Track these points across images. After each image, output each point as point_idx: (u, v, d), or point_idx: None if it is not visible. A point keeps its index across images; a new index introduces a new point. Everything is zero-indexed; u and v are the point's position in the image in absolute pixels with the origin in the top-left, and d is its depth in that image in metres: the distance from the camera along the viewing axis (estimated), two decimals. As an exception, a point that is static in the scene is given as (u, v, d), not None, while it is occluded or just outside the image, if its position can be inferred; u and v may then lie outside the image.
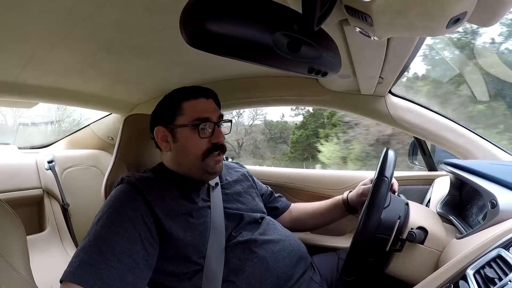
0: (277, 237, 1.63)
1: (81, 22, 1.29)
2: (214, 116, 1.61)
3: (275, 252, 1.55)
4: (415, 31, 0.91)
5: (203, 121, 1.56)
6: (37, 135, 3.71)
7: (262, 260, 1.50)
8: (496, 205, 1.22)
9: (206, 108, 1.61)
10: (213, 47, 0.76)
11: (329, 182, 2.55)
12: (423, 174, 2.43)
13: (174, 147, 1.63)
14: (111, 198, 1.42)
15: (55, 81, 2.04)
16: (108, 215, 1.34)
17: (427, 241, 1.40)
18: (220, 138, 1.59)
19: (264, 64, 0.86)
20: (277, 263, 1.52)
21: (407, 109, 2.15)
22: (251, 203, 1.79)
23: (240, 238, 1.55)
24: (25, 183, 2.86)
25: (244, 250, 1.52)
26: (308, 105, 2.74)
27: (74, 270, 1.19)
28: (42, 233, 2.82)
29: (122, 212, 1.36)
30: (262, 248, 1.53)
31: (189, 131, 1.57)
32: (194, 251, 1.45)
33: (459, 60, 4.11)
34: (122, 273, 1.22)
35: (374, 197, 1.35)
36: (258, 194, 1.97)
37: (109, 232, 1.29)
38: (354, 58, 1.51)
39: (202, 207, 1.58)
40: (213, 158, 1.59)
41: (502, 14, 0.83)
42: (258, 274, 1.45)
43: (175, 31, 0.78)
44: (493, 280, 0.91)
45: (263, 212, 1.81)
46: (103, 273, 1.19)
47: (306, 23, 0.82)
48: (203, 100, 1.62)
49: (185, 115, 1.59)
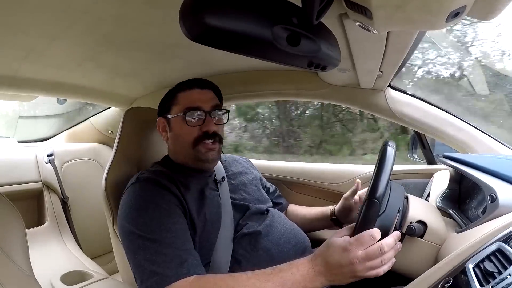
0: (283, 229, 1.65)
1: (80, 16, 1.29)
2: (207, 105, 1.63)
3: (281, 244, 1.57)
4: (415, 25, 0.91)
5: (192, 110, 1.59)
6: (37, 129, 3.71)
7: (267, 251, 1.52)
8: (496, 199, 1.22)
9: (198, 98, 1.63)
10: (213, 41, 0.76)
11: (329, 176, 2.54)
12: (422, 168, 2.44)
13: (170, 136, 1.70)
14: (139, 197, 1.46)
15: (54, 74, 2.04)
16: (147, 212, 1.39)
17: (427, 235, 1.40)
18: (209, 126, 1.60)
19: (264, 58, 0.87)
20: (282, 255, 1.53)
21: (406, 103, 2.15)
22: (256, 194, 1.83)
23: (246, 230, 1.57)
24: (25, 177, 2.86)
25: (251, 241, 1.54)
26: (307, 98, 2.73)
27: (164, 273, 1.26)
28: (42, 227, 2.82)
29: (159, 205, 1.41)
30: (267, 240, 1.55)
31: (181, 119, 1.61)
32: (207, 243, 1.49)
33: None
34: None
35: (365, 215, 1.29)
36: (263, 186, 1.99)
37: (161, 227, 1.35)
38: (354, 51, 1.51)
39: (213, 198, 1.62)
40: (204, 145, 1.60)
41: (502, 8, 0.83)
42: (263, 266, 1.42)
43: (175, 24, 0.78)
44: (493, 274, 0.91)
45: (268, 204, 1.83)
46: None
47: (305, 17, 0.82)
48: (196, 90, 1.66)
49: (178, 105, 1.64)
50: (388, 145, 1.32)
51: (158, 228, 1.34)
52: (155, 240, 1.30)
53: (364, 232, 1.17)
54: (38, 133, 3.64)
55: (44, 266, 2.35)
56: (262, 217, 1.67)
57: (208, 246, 1.48)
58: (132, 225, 1.36)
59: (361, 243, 1.15)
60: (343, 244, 1.17)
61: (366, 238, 1.16)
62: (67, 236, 2.89)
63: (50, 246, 2.72)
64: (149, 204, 1.40)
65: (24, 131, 3.60)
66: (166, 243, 1.31)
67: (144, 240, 1.31)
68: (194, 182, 1.61)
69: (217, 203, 1.61)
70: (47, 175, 2.96)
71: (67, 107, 3.60)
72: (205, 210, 1.54)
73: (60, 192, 2.98)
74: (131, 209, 1.41)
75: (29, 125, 3.76)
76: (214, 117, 1.65)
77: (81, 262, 2.59)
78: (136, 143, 1.89)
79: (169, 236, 1.33)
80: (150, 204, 1.40)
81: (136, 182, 1.51)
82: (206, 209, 1.54)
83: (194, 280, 1.24)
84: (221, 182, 1.72)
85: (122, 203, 1.48)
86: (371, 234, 1.16)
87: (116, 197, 1.66)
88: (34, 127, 3.79)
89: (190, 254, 1.33)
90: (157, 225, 1.34)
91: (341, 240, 1.19)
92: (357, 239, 1.16)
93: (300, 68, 0.98)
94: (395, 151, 1.31)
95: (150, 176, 1.51)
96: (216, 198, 1.63)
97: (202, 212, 1.53)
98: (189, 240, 1.39)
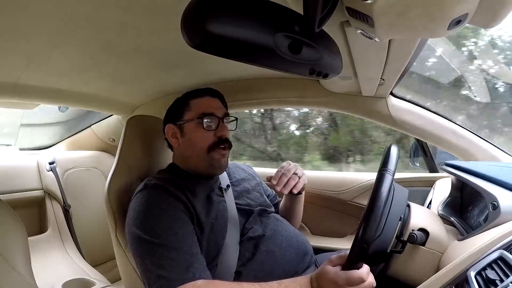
0: (285, 233, 1.69)
1: (83, 23, 1.29)
2: (219, 112, 1.69)
3: (283, 248, 1.61)
4: (416, 33, 0.91)
5: (207, 115, 1.64)
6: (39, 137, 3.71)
7: (271, 254, 1.56)
8: (498, 206, 1.22)
9: (211, 105, 1.69)
10: (215, 49, 0.77)
11: (330, 183, 2.55)
12: (424, 175, 2.44)
13: (182, 142, 1.71)
14: (147, 203, 1.48)
15: (56, 82, 2.04)
16: (155, 217, 1.41)
17: (428, 242, 1.40)
18: (224, 131, 1.67)
19: (265, 65, 0.87)
20: (284, 258, 1.58)
21: (408, 110, 2.14)
22: (259, 199, 1.86)
23: (251, 234, 1.61)
24: (26, 185, 2.86)
25: (256, 244, 1.58)
26: (309, 106, 2.74)
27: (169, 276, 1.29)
28: (44, 234, 2.81)
29: (167, 210, 1.44)
30: (271, 243, 1.60)
31: (195, 124, 1.65)
32: (214, 246, 1.52)
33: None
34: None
35: (376, 191, 1.29)
36: (265, 193, 2.02)
37: (168, 232, 1.37)
38: (356, 59, 1.51)
39: (219, 203, 1.65)
40: (218, 152, 1.65)
41: (504, 16, 0.83)
42: (266, 267, 1.51)
43: (177, 32, 0.78)
44: (495, 281, 0.91)
45: (271, 209, 1.87)
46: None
47: (307, 25, 0.82)
48: (208, 98, 1.72)
49: (191, 111, 1.68)
50: (387, 171, 1.30)
51: (165, 232, 1.36)
52: (161, 245, 1.33)
53: (355, 273, 1.24)
54: (39, 140, 3.64)
55: (46, 274, 2.35)
56: (266, 222, 1.70)
57: (216, 249, 1.51)
58: (140, 230, 1.39)
59: (350, 283, 1.23)
60: (335, 278, 1.25)
61: (355, 279, 1.23)
62: (69, 244, 2.88)
63: (52, 254, 2.71)
64: (156, 210, 1.42)
65: (25, 139, 3.60)
66: (173, 248, 1.33)
67: (152, 245, 1.34)
68: (201, 189, 1.63)
69: (223, 207, 1.65)
70: (48, 183, 2.96)
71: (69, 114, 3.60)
72: (212, 213, 1.57)
73: (62, 200, 2.98)
74: (139, 215, 1.44)
75: (30, 133, 3.76)
76: (226, 124, 1.71)
77: (83, 270, 2.58)
78: (139, 151, 1.89)
79: (175, 240, 1.35)
80: (157, 210, 1.42)
81: (144, 189, 1.53)
82: (213, 213, 1.58)
83: (202, 285, 1.27)
84: (226, 189, 1.75)
85: (130, 209, 1.51)
86: (360, 276, 1.23)
87: (118, 204, 1.66)
88: (35, 135, 3.79)
89: (196, 258, 1.36)
90: (164, 230, 1.36)
91: (333, 272, 1.27)
92: (348, 278, 1.24)
93: (301, 76, 0.99)
94: (392, 175, 1.30)
95: (157, 182, 1.53)
96: (222, 203, 1.66)
97: (209, 215, 1.56)
98: (195, 245, 1.41)
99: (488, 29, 0.96)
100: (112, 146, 3.41)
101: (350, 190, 2.43)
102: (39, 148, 3.61)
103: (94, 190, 3.20)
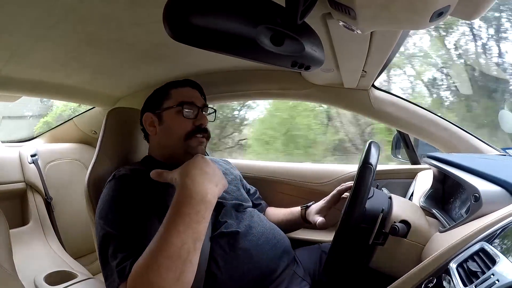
0: (262, 229, 1.65)
1: (65, 15, 1.28)
2: (199, 102, 1.69)
3: (259, 245, 1.57)
4: (399, 25, 0.91)
5: (187, 104, 1.64)
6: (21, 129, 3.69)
7: (246, 252, 1.51)
8: (479, 198, 1.23)
9: (191, 94, 1.69)
10: (196, 41, 0.76)
11: (311, 175, 2.55)
12: (406, 167, 2.45)
13: (159, 130, 1.69)
14: (113, 193, 1.44)
15: (38, 74, 2.03)
16: (118, 208, 1.37)
17: (410, 234, 1.40)
18: (203, 120, 1.65)
19: (248, 57, 0.87)
20: (261, 256, 1.53)
21: (390, 102, 2.15)
22: (235, 193, 1.82)
23: (225, 230, 1.56)
24: (8, 177, 2.86)
25: (229, 241, 1.53)
26: (291, 99, 2.73)
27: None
28: (25, 227, 2.81)
29: (132, 202, 1.39)
30: (246, 240, 1.55)
31: (175, 112, 1.64)
32: None
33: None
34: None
35: (359, 184, 1.35)
36: (244, 188, 2.01)
37: (130, 221, 1.33)
38: (338, 51, 1.51)
39: None
40: (196, 139, 1.64)
41: (485, 8, 0.84)
42: (241, 267, 1.46)
43: (159, 24, 0.77)
44: (476, 273, 0.91)
45: (247, 203, 1.84)
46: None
47: (289, 17, 0.82)
48: (189, 88, 1.72)
49: (171, 99, 1.67)
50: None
51: (125, 224, 1.32)
52: (119, 237, 1.28)
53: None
54: (21, 133, 3.62)
55: (28, 266, 2.34)
56: (241, 216, 1.67)
57: None
58: (103, 220, 1.35)
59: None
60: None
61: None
62: (51, 236, 2.87)
63: (33, 246, 2.70)
64: (120, 201, 1.39)
65: (7, 131, 3.58)
66: (130, 240, 1.27)
67: (110, 236, 1.29)
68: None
69: None
70: (30, 175, 2.95)
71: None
72: None
73: (44, 192, 2.97)
74: (104, 205, 1.40)
75: (13, 125, 3.73)
76: (206, 115, 1.71)
77: (65, 262, 2.57)
78: (119, 143, 1.88)
79: (134, 233, 1.30)
80: (121, 201, 1.39)
81: (112, 179, 1.50)
82: None
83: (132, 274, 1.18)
84: None
85: (99, 199, 1.47)
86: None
87: (97, 196, 1.63)
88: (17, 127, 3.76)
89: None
90: (124, 221, 1.32)
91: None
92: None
93: (284, 68, 0.98)
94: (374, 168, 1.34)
95: (126, 173, 1.50)
96: None
97: None
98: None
99: (470, 21, 0.96)
100: (94, 139, 3.38)
101: (332, 182, 2.43)
102: (21, 140, 3.60)
103: (75, 183, 3.19)
